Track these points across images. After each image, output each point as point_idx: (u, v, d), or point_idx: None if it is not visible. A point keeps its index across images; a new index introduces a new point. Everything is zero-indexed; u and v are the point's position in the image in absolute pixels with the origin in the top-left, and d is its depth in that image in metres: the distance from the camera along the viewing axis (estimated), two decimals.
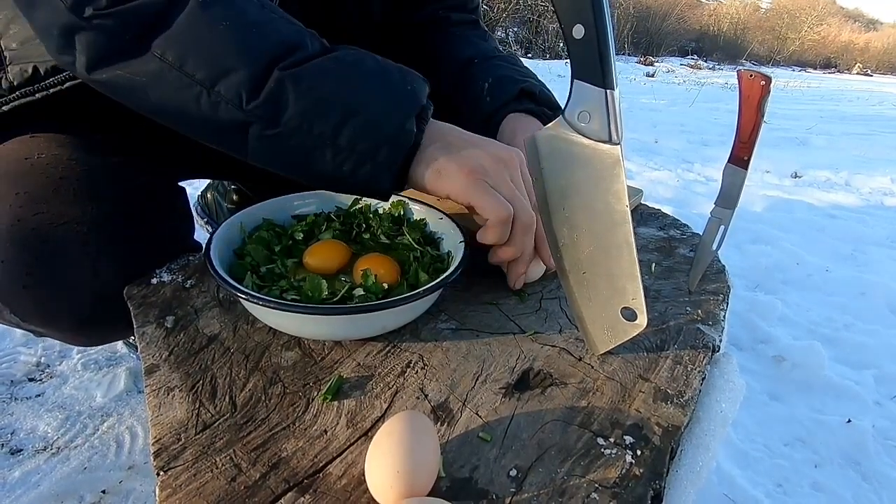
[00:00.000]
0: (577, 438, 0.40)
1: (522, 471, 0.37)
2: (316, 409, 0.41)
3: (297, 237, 0.54)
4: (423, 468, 0.33)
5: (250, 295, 0.42)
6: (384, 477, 0.32)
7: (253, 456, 0.36)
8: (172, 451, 0.36)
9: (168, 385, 0.41)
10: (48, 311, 0.55)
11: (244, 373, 0.43)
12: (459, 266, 0.48)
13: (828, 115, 4.16)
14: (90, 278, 0.54)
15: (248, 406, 0.40)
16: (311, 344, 0.47)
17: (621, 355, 0.48)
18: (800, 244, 1.57)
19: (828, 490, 0.79)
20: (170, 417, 0.39)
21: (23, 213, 0.51)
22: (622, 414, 0.42)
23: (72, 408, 0.86)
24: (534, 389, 0.44)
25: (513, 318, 0.52)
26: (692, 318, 0.55)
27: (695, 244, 0.72)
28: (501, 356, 0.47)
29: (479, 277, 0.59)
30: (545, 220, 0.45)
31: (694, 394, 0.45)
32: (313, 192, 0.60)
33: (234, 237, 0.52)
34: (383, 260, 0.50)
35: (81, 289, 0.54)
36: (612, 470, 0.38)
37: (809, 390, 0.98)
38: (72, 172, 0.54)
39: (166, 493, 0.33)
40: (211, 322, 0.49)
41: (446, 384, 0.44)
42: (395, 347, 0.47)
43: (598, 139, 0.39)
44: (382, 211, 0.60)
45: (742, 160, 0.51)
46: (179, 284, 0.53)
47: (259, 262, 0.49)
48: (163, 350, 0.45)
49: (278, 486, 0.34)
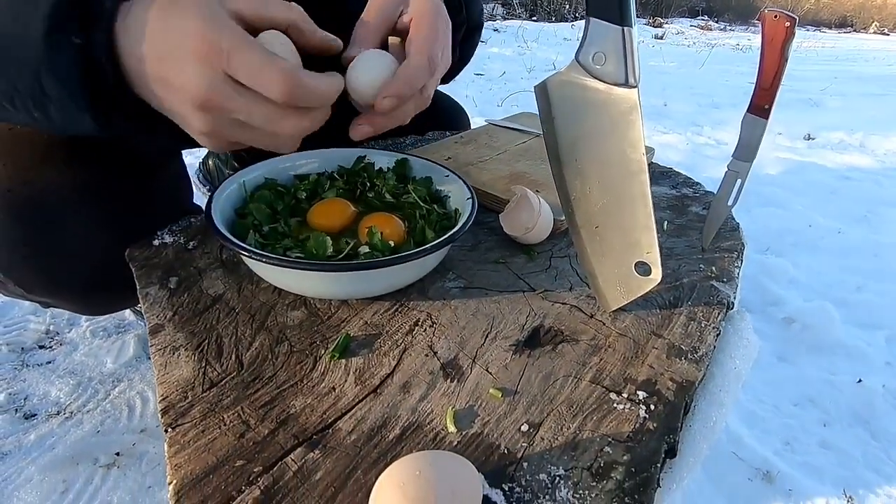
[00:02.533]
0: (589, 394, 0.39)
1: (534, 425, 0.37)
2: (323, 367, 0.40)
3: (300, 196, 0.52)
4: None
5: (254, 252, 0.41)
6: None
7: (261, 413, 0.36)
8: (180, 409, 0.36)
9: (173, 344, 0.41)
10: (51, 282, 0.55)
11: (250, 332, 0.43)
12: (468, 221, 0.46)
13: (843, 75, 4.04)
14: (89, 245, 0.54)
15: (255, 364, 0.40)
16: (318, 303, 0.46)
17: (634, 312, 0.47)
18: (812, 206, 1.54)
19: (836, 448, 0.79)
20: (176, 376, 0.38)
21: (12, 184, 0.50)
22: (635, 370, 0.42)
23: (83, 374, 0.86)
24: (544, 346, 0.43)
25: (522, 277, 0.51)
26: (706, 275, 0.54)
27: (708, 202, 0.70)
28: (511, 314, 0.46)
29: (486, 236, 0.57)
30: (556, 172, 0.43)
31: (708, 350, 0.44)
32: (316, 152, 0.58)
33: (235, 196, 0.50)
34: (389, 218, 0.49)
35: (81, 256, 0.54)
36: (626, 424, 0.37)
37: (819, 351, 0.98)
38: (58, 138, 0.52)
39: (175, 449, 0.33)
40: (215, 283, 0.48)
41: (455, 342, 0.43)
42: (403, 306, 0.47)
43: (614, 82, 0.37)
44: (388, 169, 0.58)
45: (762, 109, 0.48)
46: (182, 246, 0.52)
47: (262, 222, 0.48)
48: (167, 310, 0.44)
49: (287, 442, 0.34)
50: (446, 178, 0.55)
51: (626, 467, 0.34)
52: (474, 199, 0.50)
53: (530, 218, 0.53)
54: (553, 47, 4.32)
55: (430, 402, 0.38)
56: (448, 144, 0.75)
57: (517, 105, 2.39)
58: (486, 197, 0.62)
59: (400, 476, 0.28)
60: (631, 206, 0.40)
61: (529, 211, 0.53)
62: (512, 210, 0.55)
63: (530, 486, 0.33)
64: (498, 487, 0.32)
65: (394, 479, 0.28)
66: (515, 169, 0.68)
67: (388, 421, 0.36)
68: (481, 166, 0.69)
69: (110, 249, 0.52)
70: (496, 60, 3.55)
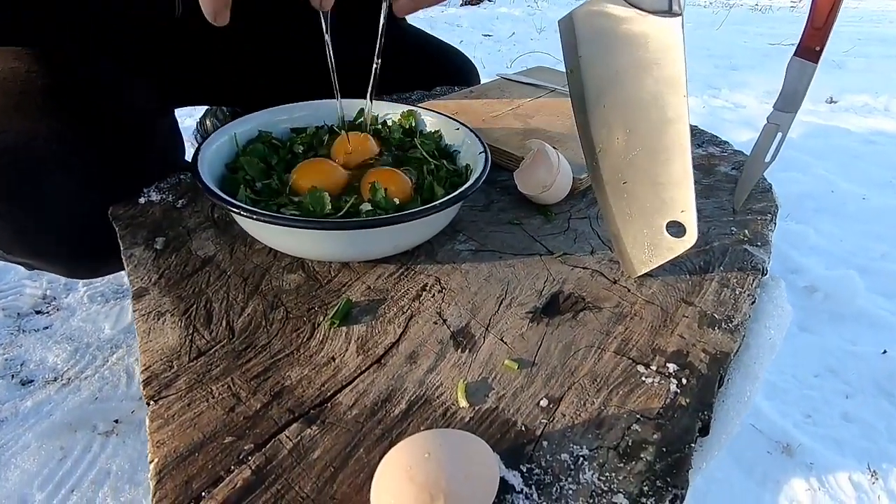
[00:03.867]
0: (615, 366, 0.36)
1: (554, 400, 0.33)
2: (322, 335, 0.37)
3: (296, 150, 0.48)
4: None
5: (243, 209, 0.37)
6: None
7: (253, 385, 0.33)
8: (164, 380, 0.32)
9: (158, 309, 0.37)
10: (30, 241, 0.51)
11: (242, 297, 0.39)
12: (481, 176, 0.42)
13: (866, 36, 3.86)
14: (70, 202, 0.50)
15: (248, 332, 0.36)
16: (316, 266, 0.42)
17: (661, 278, 0.43)
18: (834, 171, 1.47)
19: (859, 420, 0.76)
20: (160, 344, 0.35)
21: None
22: (664, 340, 0.38)
23: (80, 340, 0.84)
24: (564, 314, 0.39)
25: (538, 239, 0.47)
26: (738, 238, 0.49)
27: (736, 162, 0.65)
28: (527, 279, 0.42)
29: (499, 195, 0.53)
30: (580, 120, 0.38)
31: (744, 319, 0.40)
32: (315, 103, 0.53)
33: (226, 150, 0.46)
34: (393, 173, 0.44)
35: (62, 214, 0.50)
36: (655, 400, 0.34)
37: (842, 321, 0.94)
38: (32, 87, 0.48)
39: (157, 423, 0.30)
40: (205, 243, 0.44)
41: (467, 308, 0.39)
42: (409, 270, 0.43)
43: (654, 9, 0.32)
44: (392, 122, 0.53)
45: (813, 52, 0.43)
46: (170, 204, 0.48)
47: (254, 177, 0.44)
48: (152, 273, 0.41)
49: (282, 417, 0.31)
50: (457, 132, 0.50)
51: (657, 447, 0.31)
52: (488, 153, 0.45)
53: (548, 175, 0.48)
54: (564, 7, 4.14)
55: (440, 373, 0.34)
56: (457, 99, 0.70)
57: (527, 67, 2.30)
58: (499, 154, 0.57)
59: (407, 458, 0.25)
60: (666, 157, 0.36)
61: (547, 167, 0.48)
62: (528, 166, 0.50)
63: (551, 467, 0.29)
64: (515, 469, 0.29)
65: (400, 461, 0.25)
66: (530, 125, 0.63)
67: (394, 394, 0.33)
68: (493, 122, 0.64)
69: (94, 208, 0.49)
70: (505, 21, 3.42)
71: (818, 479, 0.68)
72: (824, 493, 0.66)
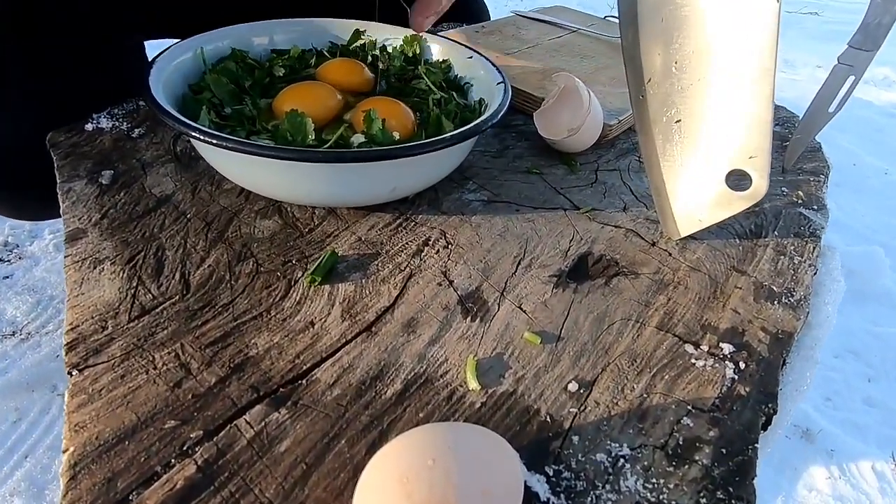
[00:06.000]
0: (657, 344, 0.29)
1: (585, 384, 0.27)
2: (300, 295, 0.30)
3: (276, 73, 0.40)
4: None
5: (202, 132, 0.29)
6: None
7: (208, 353, 0.26)
8: (93, 343, 0.25)
9: (96, 256, 0.30)
10: None
11: (203, 244, 0.32)
12: (500, 108, 0.34)
13: None
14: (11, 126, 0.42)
15: (206, 287, 0.29)
16: (296, 211, 0.35)
17: (706, 241, 0.36)
18: (857, 144, 1.40)
19: (881, 405, 0.71)
20: (94, 298, 0.28)
21: None
22: (715, 315, 0.31)
23: (43, 291, 0.77)
24: (595, 279, 0.33)
25: (562, 191, 0.40)
26: (791, 200, 0.43)
27: (781, 118, 0.58)
28: (550, 237, 0.35)
29: (514, 141, 0.45)
30: (629, 40, 0.31)
31: (806, 293, 0.34)
32: (302, 21, 0.45)
33: (189, 66, 0.38)
34: (393, 103, 0.36)
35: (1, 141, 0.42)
36: (709, 387, 0.27)
37: (864, 300, 0.88)
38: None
39: (78, 400, 0.23)
40: (163, 180, 0.37)
41: (478, 268, 0.32)
42: (409, 220, 0.35)
43: None
44: (393, 49, 0.45)
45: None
46: (123, 133, 0.41)
47: (223, 100, 0.36)
48: (93, 212, 0.33)
49: (242, 396, 0.24)
50: (469, 62, 0.42)
51: (715, 447, 0.25)
52: (507, 84, 0.37)
53: (576, 116, 0.41)
54: None
55: (444, 346, 0.28)
56: (467, 34, 0.61)
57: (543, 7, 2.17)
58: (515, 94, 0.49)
59: (404, 464, 0.18)
60: (740, 87, 0.28)
61: (577, 106, 0.40)
62: (552, 105, 0.42)
63: (583, 469, 0.23)
64: (539, 472, 0.23)
65: (393, 468, 0.18)
66: (550, 64, 0.55)
67: (386, 371, 0.26)
68: (507, 60, 0.55)
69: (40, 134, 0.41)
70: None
71: (839, 468, 0.63)
72: (845, 482, 0.62)
